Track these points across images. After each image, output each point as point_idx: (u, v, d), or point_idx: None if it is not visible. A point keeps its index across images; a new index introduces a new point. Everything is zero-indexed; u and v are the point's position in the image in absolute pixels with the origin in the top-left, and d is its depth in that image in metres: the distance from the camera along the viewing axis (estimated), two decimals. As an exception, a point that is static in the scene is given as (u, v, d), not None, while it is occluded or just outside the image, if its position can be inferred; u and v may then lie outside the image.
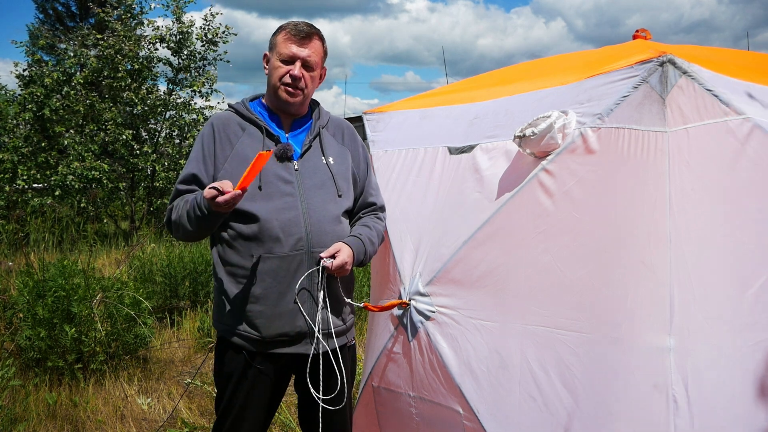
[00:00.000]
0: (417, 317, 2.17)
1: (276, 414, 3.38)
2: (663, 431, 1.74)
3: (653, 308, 1.78)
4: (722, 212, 1.80)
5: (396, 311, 2.28)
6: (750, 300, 1.76)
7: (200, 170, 2.04)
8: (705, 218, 1.80)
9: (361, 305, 2.21)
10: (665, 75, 1.85)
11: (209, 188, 1.84)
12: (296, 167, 2.05)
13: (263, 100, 2.18)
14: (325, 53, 2.13)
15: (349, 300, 2.15)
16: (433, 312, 2.14)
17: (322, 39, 2.09)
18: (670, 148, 1.82)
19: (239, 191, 1.81)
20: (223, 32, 10.82)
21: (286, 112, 2.13)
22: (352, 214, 2.20)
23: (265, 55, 2.12)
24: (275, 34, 2.09)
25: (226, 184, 1.82)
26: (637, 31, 2.51)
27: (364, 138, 2.81)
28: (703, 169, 1.82)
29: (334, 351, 2.08)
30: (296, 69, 2.03)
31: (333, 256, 1.97)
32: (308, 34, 2.04)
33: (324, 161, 2.09)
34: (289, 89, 2.04)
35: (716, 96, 1.84)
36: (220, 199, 1.80)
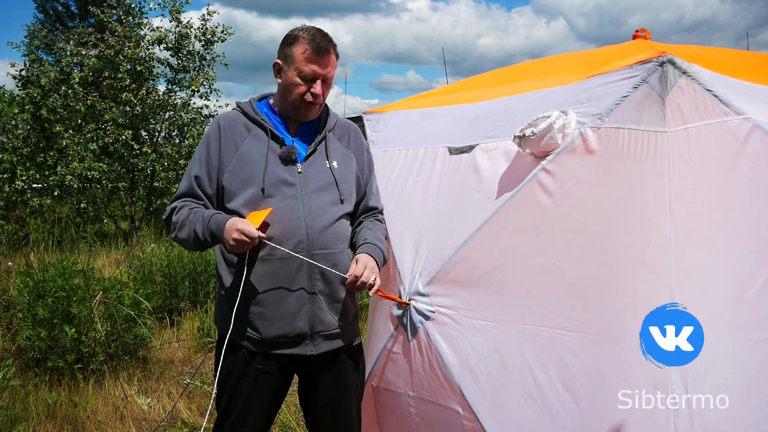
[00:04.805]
0: (417, 317, 2.17)
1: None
2: (663, 431, 1.74)
3: (653, 308, 1.78)
4: (722, 212, 1.80)
5: (396, 311, 2.28)
6: (750, 300, 1.76)
7: (202, 172, 2.05)
8: (705, 218, 1.80)
9: (373, 293, 2.21)
10: (665, 75, 1.85)
11: (237, 231, 1.88)
12: (300, 170, 2.05)
13: (271, 102, 2.16)
14: (338, 58, 2.08)
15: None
16: (433, 312, 2.14)
17: (336, 48, 2.05)
18: (670, 148, 1.82)
19: (261, 238, 1.92)
20: (222, 31, 10.74)
21: (302, 122, 2.12)
22: (353, 218, 2.20)
23: (277, 63, 2.05)
24: (290, 44, 2.00)
25: (251, 230, 1.89)
26: (637, 31, 2.52)
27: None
28: (703, 169, 1.82)
29: (335, 351, 2.09)
30: (318, 88, 2.00)
31: (356, 280, 1.98)
32: (327, 51, 1.99)
33: (328, 165, 2.09)
34: (310, 105, 2.04)
35: (716, 96, 1.84)
36: (247, 248, 1.92)
